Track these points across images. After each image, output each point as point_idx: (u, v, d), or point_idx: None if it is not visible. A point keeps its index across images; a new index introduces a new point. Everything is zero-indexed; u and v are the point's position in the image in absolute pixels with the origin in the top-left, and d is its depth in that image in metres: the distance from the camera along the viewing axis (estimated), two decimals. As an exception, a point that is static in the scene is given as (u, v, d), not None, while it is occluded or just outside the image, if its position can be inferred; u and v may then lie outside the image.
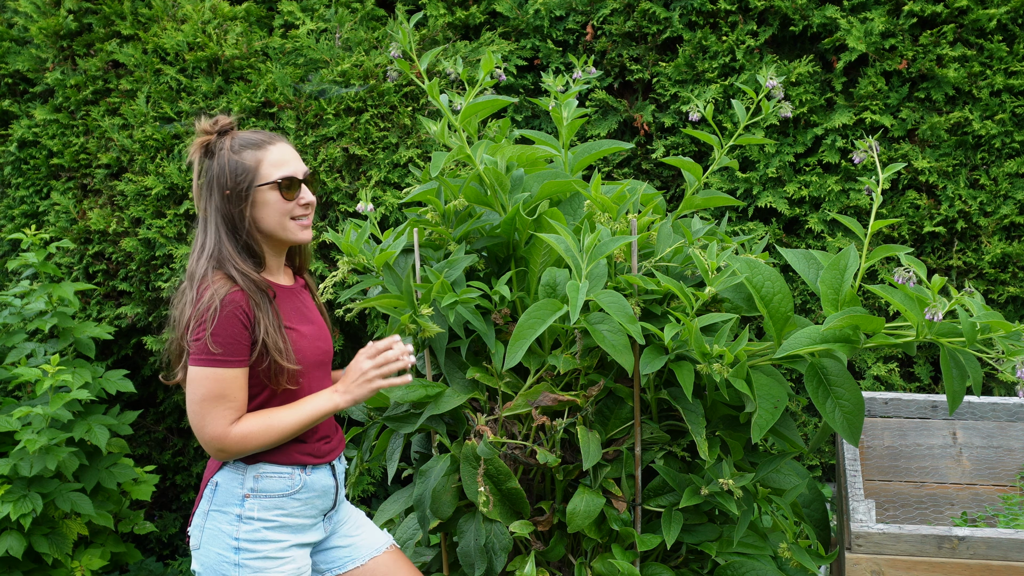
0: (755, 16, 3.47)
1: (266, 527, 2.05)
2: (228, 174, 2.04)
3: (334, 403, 2.06)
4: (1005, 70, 3.29)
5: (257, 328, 1.99)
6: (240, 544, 2.03)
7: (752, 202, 3.51)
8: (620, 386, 2.18)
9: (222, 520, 2.05)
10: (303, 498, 2.09)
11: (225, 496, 2.05)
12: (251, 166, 2.04)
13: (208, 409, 1.97)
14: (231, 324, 1.96)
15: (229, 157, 2.04)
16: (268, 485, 2.05)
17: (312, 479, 2.10)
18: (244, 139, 2.07)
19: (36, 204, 4.15)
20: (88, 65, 3.96)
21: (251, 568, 2.03)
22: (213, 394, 1.97)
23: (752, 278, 2.02)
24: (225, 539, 2.04)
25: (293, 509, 2.08)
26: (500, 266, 2.39)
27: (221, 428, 1.98)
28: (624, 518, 2.16)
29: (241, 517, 2.04)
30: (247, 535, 2.03)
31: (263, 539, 2.05)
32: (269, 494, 2.05)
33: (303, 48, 3.71)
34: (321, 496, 2.13)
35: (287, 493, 2.07)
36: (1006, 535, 2.03)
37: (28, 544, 3.36)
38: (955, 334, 1.90)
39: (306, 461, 2.09)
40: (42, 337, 3.70)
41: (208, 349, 1.95)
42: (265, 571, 2.04)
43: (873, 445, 2.66)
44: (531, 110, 3.69)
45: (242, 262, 2.02)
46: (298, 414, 2.04)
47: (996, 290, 3.36)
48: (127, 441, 4.00)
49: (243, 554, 2.03)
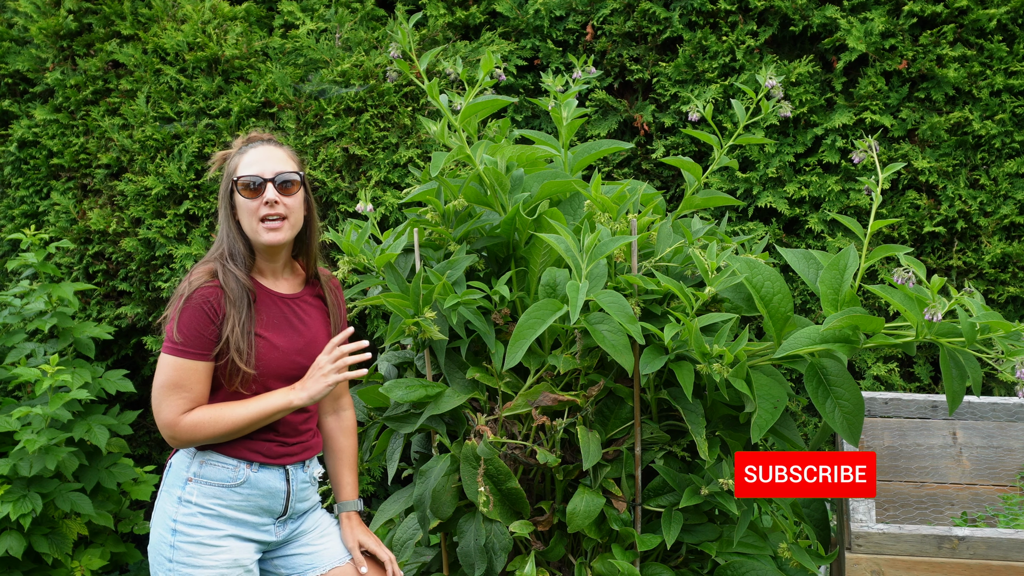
0: (755, 16, 3.47)
1: (203, 513, 2.08)
2: (223, 179, 2.14)
3: (288, 400, 2.08)
4: (1005, 70, 3.29)
5: (224, 325, 2.02)
6: (177, 526, 2.07)
7: (752, 202, 3.51)
8: (620, 386, 2.18)
9: (167, 500, 2.09)
10: (244, 493, 2.10)
11: (174, 478, 2.10)
12: (233, 168, 2.12)
13: (165, 395, 2.02)
14: (197, 317, 2.01)
15: (228, 162, 2.14)
16: (210, 473, 2.08)
17: (257, 477, 2.11)
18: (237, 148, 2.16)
19: (36, 204, 4.15)
20: (88, 65, 3.96)
21: (184, 551, 2.06)
22: (171, 382, 2.02)
23: (752, 278, 2.02)
24: (167, 520, 2.08)
25: (233, 502, 2.10)
26: (500, 266, 2.39)
27: (173, 416, 2.02)
28: (624, 518, 2.16)
29: (181, 499, 2.08)
30: (184, 518, 2.07)
31: (199, 524, 2.07)
32: (209, 481, 2.08)
33: (303, 48, 3.71)
34: (266, 496, 2.13)
35: (227, 484, 2.09)
36: (1006, 535, 2.03)
37: (28, 544, 3.36)
38: (955, 334, 1.90)
39: (252, 458, 2.10)
40: (42, 337, 3.70)
41: (173, 338, 2.01)
42: (198, 556, 2.06)
43: (873, 445, 2.66)
44: (531, 110, 3.69)
45: (232, 260, 2.08)
46: (249, 409, 2.06)
47: (996, 290, 3.36)
48: (127, 441, 4.00)
49: (179, 536, 2.06)
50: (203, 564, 2.06)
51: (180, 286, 2.06)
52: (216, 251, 2.10)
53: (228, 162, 2.14)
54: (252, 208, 2.08)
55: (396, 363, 2.46)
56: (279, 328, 2.11)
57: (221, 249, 2.09)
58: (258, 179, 2.07)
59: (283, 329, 2.11)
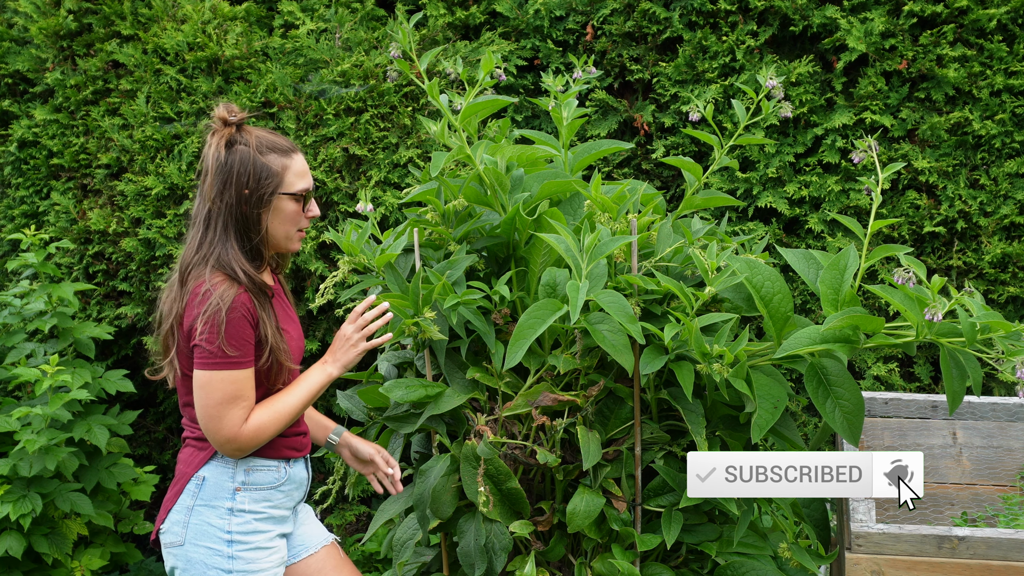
0: (755, 16, 3.47)
1: (256, 519, 2.09)
2: (251, 174, 2.01)
3: (327, 374, 2.11)
4: (1005, 70, 3.29)
5: (260, 327, 2.02)
6: (233, 537, 2.06)
7: (752, 202, 3.51)
8: (620, 386, 2.18)
9: (211, 515, 2.07)
10: (286, 490, 2.15)
11: (214, 490, 2.07)
12: (277, 171, 2.03)
13: (225, 411, 1.99)
14: (242, 326, 1.98)
15: (254, 157, 2.01)
16: (258, 478, 2.09)
17: (293, 471, 2.16)
18: (268, 141, 2.05)
19: (36, 204, 4.15)
20: (88, 65, 3.96)
21: (244, 559, 2.07)
22: (230, 396, 1.99)
23: (752, 278, 2.02)
24: (216, 532, 2.06)
25: (278, 501, 2.13)
26: (500, 266, 2.38)
27: (235, 428, 2.01)
28: (624, 518, 2.16)
29: (232, 510, 2.07)
30: (239, 527, 2.07)
31: (254, 530, 2.09)
32: (259, 487, 2.10)
33: (303, 48, 3.71)
34: (299, 488, 2.20)
35: (274, 485, 2.12)
36: (1006, 535, 2.03)
37: (28, 544, 3.36)
38: (955, 334, 1.90)
39: (289, 455, 2.15)
40: (42, 337, 3.70)
41: (224, 353, 1.96)
42: (257, 561, 2.09)
43: (873, 445, 2.66)
44: (531, 110, 3.69)
45: (248, 263, 2.02)
46: (299, 394, 2.08)
47: (996, 290, 3.36)
48: (127, 441, 4.00)
49: (236, 546, 2.06)
50: (261, 568, 2.09)
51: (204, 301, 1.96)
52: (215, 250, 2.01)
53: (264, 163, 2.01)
54: (295, 217, 2.07)
55: (396, 363, 2.46)
56: (285, 318, 2.14)
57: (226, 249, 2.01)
58: (309, 192, 2.08)
59: (287, 319, 2.15)
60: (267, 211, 2.03)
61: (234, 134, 2.03)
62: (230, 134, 2.03)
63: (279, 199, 2.04)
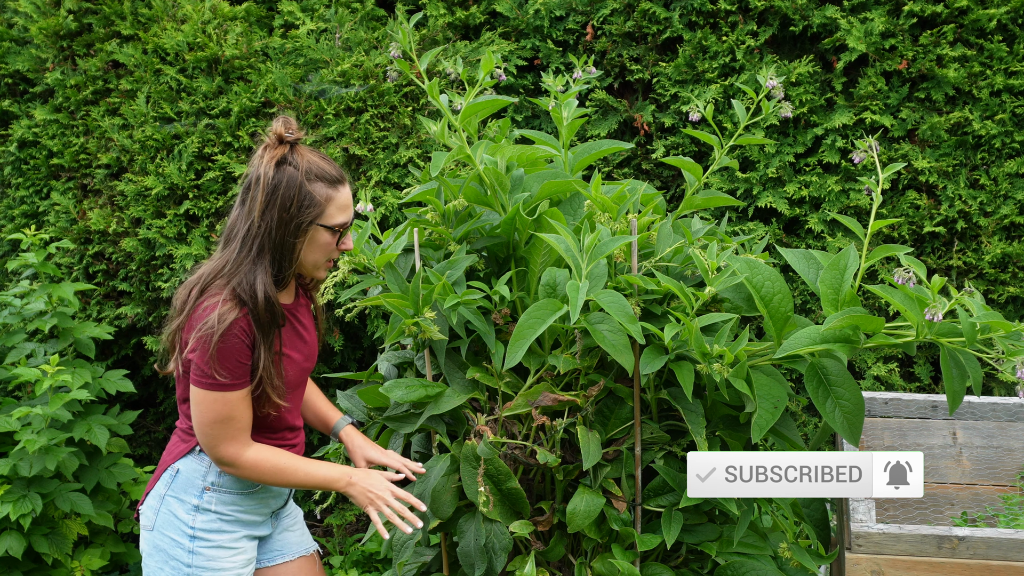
0: (755, 16, 3.47)
1: (221, 519, 2.10)
2: (294, 199, 1.97)
3: (342, 484, 2.11)
4: (1005, 70, 3.29)
5: (255, 350, 1.99)
6: (196, 533, 2.08)
7: (752, 202, 3.51)
8: (620, 386, 2.18)
9: (178, 507, 2.09)
10: (260, 497, 2.16)
11: (185, 485, 2.09)
12: (320, 201, 1.99)
13: (218, 431, 2.00)
14: (237, 348, 1.96)
15: (301, 182, 1.97)
16: (229, 482, 2.10)
17: None
18: (318, 168, 2.00)
19: (36, 204, 4.15)
20: (88, 65, 3.96)
21: (205, 556, 2.08)
22: (221, 416, 1.99)
23: (752, 278, 2.02)
24: (181, 526, 2.08)
25: (249, 506, 2.14)
26: (500, 266, 2.38)
27: (234, 451, 2.02)
28: (624, 518, 2.16)
29: (199, 508, 2.09)
30: (203, 524, 2.08)
31: (219, 529, 2.10)
32: (229, 490, 2.10)
33: (303, 48, 3.71)
34: (276, 497, 2.20)
35: (246, 491, 2.12)
36: (1006, 535, 2.03)
37: (28, 544, 3.36)
38: (955, 334, 1.90)
39: None
40: (42, 337, 3.70)
41: (215, 375, 1.94)
42: (218, 559, 2.10)
43: (873, 445, 2.66)
44: (531, 110, 3.68)
45: (273, 287, 1.99)
46: (309, 475, 2.10)
47: (996, 290, 3.36)
48: (127, 441, 4.00)
49: (198, 542, 2.08)
50: (223, 567, 2.10)
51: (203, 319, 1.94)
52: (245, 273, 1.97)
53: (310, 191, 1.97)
54: (327, 249, 2.05)
55: (396, 363, 2.46)
56: (293, 343, 2.12)
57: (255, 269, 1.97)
58: (348, 227, 2.06)
59: (296, 342, 2.13)
60: (303, 239, 2.00)
61: (287, 153, 1.98)
62: (283, 153, 1.98)
63: (316, 229, 2.01)
